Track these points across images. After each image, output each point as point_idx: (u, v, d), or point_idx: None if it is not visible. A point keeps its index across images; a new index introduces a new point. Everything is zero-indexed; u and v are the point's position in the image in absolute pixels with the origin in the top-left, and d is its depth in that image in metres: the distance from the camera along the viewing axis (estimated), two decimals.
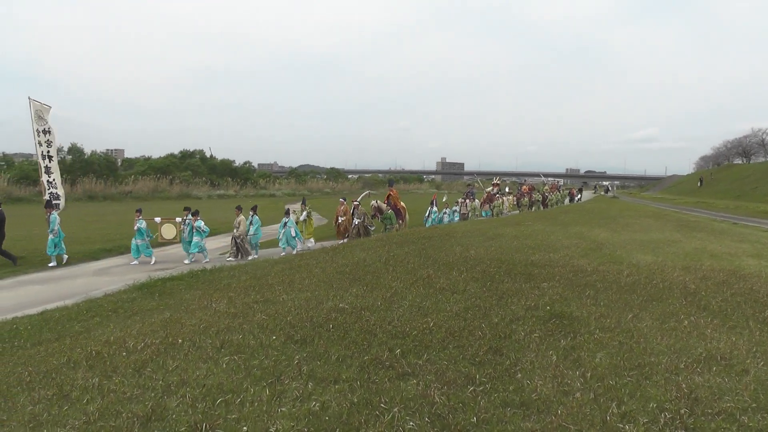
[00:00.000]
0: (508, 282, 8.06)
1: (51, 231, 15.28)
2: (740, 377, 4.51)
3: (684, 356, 4.98)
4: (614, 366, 4.74)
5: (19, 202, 37.55)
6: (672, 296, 7.37)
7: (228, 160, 70.90)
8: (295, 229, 18.05)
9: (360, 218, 20.08)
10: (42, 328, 7.90)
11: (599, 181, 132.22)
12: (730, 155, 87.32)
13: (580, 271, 9.01)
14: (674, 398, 4.05)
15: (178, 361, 5.06)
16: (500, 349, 5.17)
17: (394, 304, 6.81)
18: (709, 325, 6.00)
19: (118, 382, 4.64)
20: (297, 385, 4.36)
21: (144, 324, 6.99)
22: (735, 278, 8.70)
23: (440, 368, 4.70)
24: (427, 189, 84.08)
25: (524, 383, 4.37)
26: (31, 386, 4.86)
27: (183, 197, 49.66)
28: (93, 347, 5.82)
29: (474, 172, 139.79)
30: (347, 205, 21.00)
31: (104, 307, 9.08)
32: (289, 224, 17.93)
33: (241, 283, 9.66)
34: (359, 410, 3.89)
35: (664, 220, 22.77)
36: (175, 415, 3.90)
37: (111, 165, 55.88)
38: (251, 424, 3.73)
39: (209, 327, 6.16)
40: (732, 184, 59.19)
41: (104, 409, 4.09)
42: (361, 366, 4.78)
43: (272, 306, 7.09)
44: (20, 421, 4.05)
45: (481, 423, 3.72)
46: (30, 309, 9.64)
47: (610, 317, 6.22)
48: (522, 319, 6.16)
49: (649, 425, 3.67)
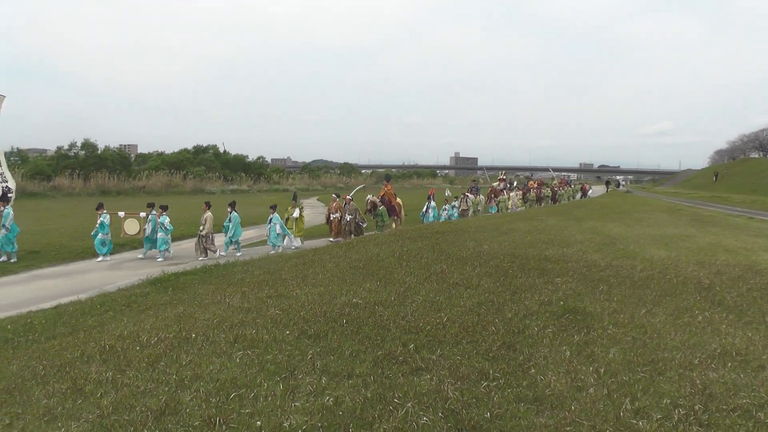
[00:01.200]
0: (522, 277, 8.03)
1: (3, 226, 14.67)
2: (756, 373, 4.47)
3: (698, 352, 4.94)
4: (628, 361, 4.71)
5: (34, 197, 37.84)
6: (686, 291, 7.31)
7: (241, 155, 70.99)
8: (281, 226, 17.35)
9: (352, 215, 19.31)
10: (56, 322, 7.98)
11: (612, 175, 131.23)
12: (746, 149, 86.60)
13: (593, 266, 8.96)
14: (688, 394, 4.02)
15: (192, 356, 5.08)
16: (514, 345, 5.16)
17: (407, 299, 6.81)
18: (723, 321, 5.95)
19: (132, 376, 4.67)
20: (311, 379, 4.37)
21: (158, 318, 7.04)
22: (751, 273, 8.61)
23: (454, 363, 4.69)
24: (440, 184, 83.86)
25: (537, 378, 4.35)
26: (46, 380, 4.91)
27: (197, 192, 49.85)
28: (107, 341, 5.86)
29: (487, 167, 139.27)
30: (340, 201, 20.18)
31: (118, 301, 9.15)
32: (274, 220, 17.25)
33: (254, 278, 9.70)
34: (373, 405, 3.90)
35: (678, 215, 22.60)
36: (188, 410, 3.92)
37: (124, 160, 56.09)
38: (265, 418, 3.74)
39: (223, 322, 6.19)
40: (748, 178, 58.62)
41: (118, 402, 4.12)
42: (374, 361, 4.78)
43: (286, 301, 7.10)
44: (35, 415, 4.09)
45: (495, 418, 3.71)
46: (44, 303, 9.73)
47: (624, 312, 6.18)
48: (535, 314, 6.14)
49: (663, 421, 3.64)
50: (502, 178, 34.77)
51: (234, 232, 16.66)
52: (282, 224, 17.43)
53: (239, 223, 16.91)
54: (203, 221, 16.20)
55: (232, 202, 17.49)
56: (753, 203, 37.50)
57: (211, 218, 16.22)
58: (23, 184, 41.18)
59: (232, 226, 16.63)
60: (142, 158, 67.72)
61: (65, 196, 40.68)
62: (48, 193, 41.04)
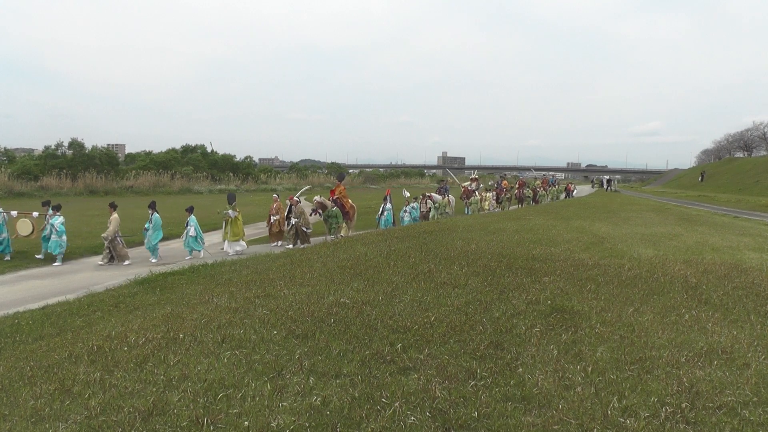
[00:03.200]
0: (509, 276, 8.06)
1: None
2: (741, 371, 4.51)
3: (685, 350, 4.98)
4: (615, 360, 4.74)
5: (21, 197, 37.54)
6: (673, 290, 7.36)
7: (229, 155, 70.73)
8: (196, 229, 16.01)
9: (297, 218, 17.61)
10: (43, 322, 7.92)
11: (599, 174, 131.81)
12: (732, 149, 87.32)
13: (581, 265, 9.00)
14: (675, 392, 4.05)
15: (180, 356, 5.06)
16: (501, 344, 5.17)
17: (395, 299, 6.81)
18: (710, 319, 6.00)
19: (120, 377, 4.65)
20: (298, 379, 4.36)
21: (145, 319, 7.00)
22: (736, 272, 8.70)
23: (441, 363, 4.70)
24: (428, 183, 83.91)
25: (525, 377, 4.37)
26: (33, 381, 4.87)
27: (184, 192, 49.73)
28: (94, 342, 5.83)
29: (475, 167, 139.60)
30: (281, 202, 18.63)
31: (106, 301, 9.09)
32: (191, 222, 15.95)
33: (242, 277, 9.67)
34: (360, 405, 3.90)
35: (665, 214, 22.75)
36: (176, 410, 3.91)
37: (112, 160, 55.67)
38: (253, 418, 3.73)
39: (210, 322, 6.17)
40: (733, 178, 59.16)
41: (106, 403, 4.10)
42: (362, 360, 4.78)
43: (273, 301, 7.09)
44: (22, 416, 4.06)
45: (482, 417, 3.72)
46: (31, 304, 9.66)
47: (611, 311, 6.22)
48: (523, 313, 6.16)
49: (651, 419, 3.67)
50: (474, 177, 32.42)
51: (154, 235, 15.66)
52: (197, 227, 16.15)
53: (161, 226, 15.95)
54: (108, 223, 15.13)
55: (152, 203, 16.39)
56: (738, 202, 37.85)
57: (115, 220, 15.15)
58: (10, 183, 40.96)
59: (152, 228, 15.64)
60: (131, 158, 67.38)
61: (53, 195, 40.22)
62: (35, 193, 40.67)
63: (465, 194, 28.67)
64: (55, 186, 43.68)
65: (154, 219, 15.71)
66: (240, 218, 16.98)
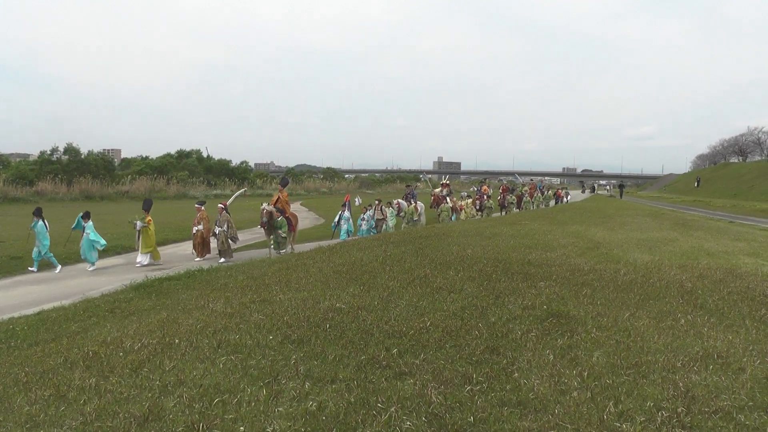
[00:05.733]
0: (505, 281, 8.06)
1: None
2: (737, 375, 4.52)
3: (681, 355, 4.98)
4: (611, 365, 4.74)
5: (16, 202, 37.43)
6: (669, 295, 7.37)
7: (225, 160, 70.60)
8: (94, 233, 14.90)
9: (222, 227, 16.16)
10: (39, 328, 7.90)
11: (595, 180, 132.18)
12: (727, 154, 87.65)
13: (577, 270, 9.01)
14: (671, 397, 4.05)
15: (175, 361, 5.05)
16: (497, 349, 5.17)
17: (391, 304, 6.81)
18: (705, 324, 6.01)
19: (115, 383, 4.63)
20: (294, 384, 4.36)
21: (141, 324, 6.99)
22: (731, 277, 8.71)
23: (437, 368, 4.70)
24: (423, 189, 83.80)
25: (521, 382, 4.37)
26: (28, 387, 4.86)
27: (180, 197, 49.62)
28: (90, 347, 5.82)
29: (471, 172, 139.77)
30: (204, 211, 17.03)
31: (101, 307, 9.08)
32: (87, 229, 14.84)
33: (238, 283, 9.65)
34: (356, 410, 3.89)
35: (661, 219, 22.79)
36: (172, 415, 3.90)
37: (108, 165, 55.54)
38: (248, 424, 3.73)
39: (206, 327, 6.15)
40: (728, 183, 59.45)
41: (101, 409, 4.08)
42: (358, 365, 4.77)
43: (269, 306, 7.07)
44: (17, 422, 4.04)
45: (478, 422, 3.72)
46: (27, 309, 9.64)
47: (607, 316, 6.22)
48: (519, 318, 6.16)
49: (646, 424, 3.67)
50: (446, 183, 31.10)
51: (43, 244, 14.54)
52: (95, 233, 15.03)
53: (46, 233, 14.64)
54: None
55: (36, 209, 15.14)
56: (733, 207, 37.97)
57: None
58: (5, 189, 40.78)
59: (38, 238, 14.52)
60: (126, 163, 67.27)
61: (48, 201, 40.20)
62: (31, 198, 40.52)
63: (435, 202, 27.07)
64: (50, 191, 43.42)
65: (38, 227, 14.57)
66: (152, 228, 15.85)
